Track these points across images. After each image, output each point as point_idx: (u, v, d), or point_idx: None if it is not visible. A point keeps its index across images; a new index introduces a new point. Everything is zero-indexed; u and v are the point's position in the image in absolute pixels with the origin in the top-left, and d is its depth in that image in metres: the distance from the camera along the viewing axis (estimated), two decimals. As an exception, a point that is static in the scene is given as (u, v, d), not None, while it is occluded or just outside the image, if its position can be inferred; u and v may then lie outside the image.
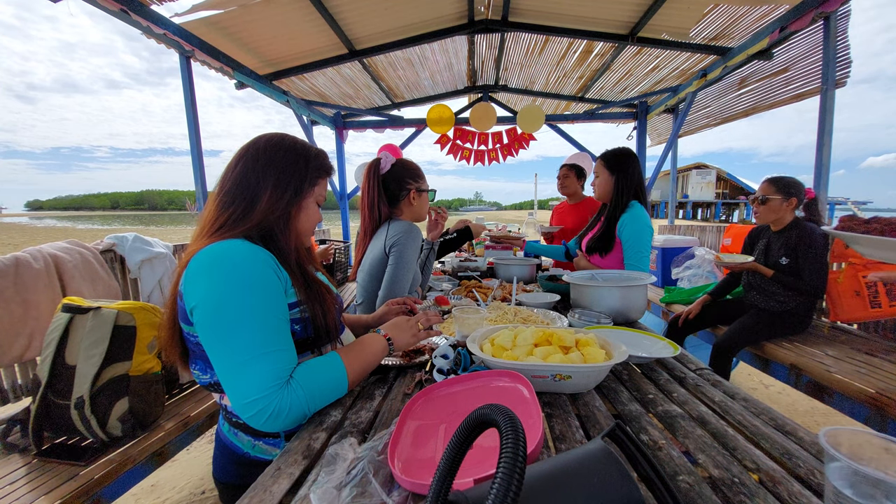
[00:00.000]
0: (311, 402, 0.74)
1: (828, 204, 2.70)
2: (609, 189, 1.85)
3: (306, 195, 0.87)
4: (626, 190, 1.81)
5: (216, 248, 0.73)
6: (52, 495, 1.09)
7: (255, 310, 0.71)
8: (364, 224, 1.56)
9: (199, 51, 2.68)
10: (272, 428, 0.71)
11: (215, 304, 0.70)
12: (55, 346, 1.33)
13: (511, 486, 0.28)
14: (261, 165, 0.82)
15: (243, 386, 0.69)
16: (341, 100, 4.74)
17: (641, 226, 1.75)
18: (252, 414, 0.69)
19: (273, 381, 0.70)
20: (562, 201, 3.19)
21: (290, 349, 0.76)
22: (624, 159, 1.82)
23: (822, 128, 2.44)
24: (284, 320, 0.76)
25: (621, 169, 1.81)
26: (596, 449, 0.43)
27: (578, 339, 0.89)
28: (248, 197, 0.80)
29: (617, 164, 1.82)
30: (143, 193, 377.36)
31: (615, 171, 1.82)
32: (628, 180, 1.80)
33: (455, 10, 3.30)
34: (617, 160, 1.83)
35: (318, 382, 0.76)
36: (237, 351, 0.69)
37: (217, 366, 0.71)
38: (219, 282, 0.70)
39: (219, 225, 0.79)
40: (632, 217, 1.76)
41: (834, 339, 2.07)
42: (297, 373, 0.74)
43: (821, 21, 2.40)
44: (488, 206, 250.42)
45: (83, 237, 2.10)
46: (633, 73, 4.06)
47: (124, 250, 2.06)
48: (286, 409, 0.70)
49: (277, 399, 0.70)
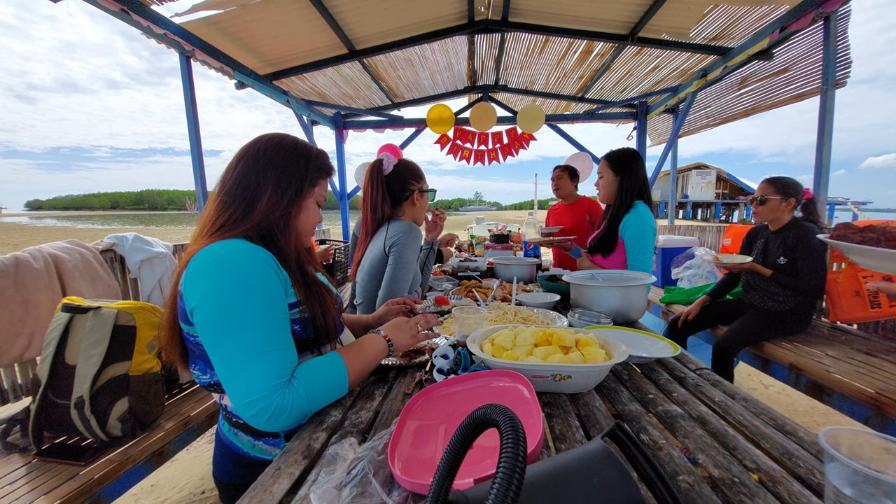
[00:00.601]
0: (312, 401, 0.74)
1: (827, 204, 2.70)
2: (613, 190, 1.85)
3: (307, 195, 0.87)
4: (630, 190, 1.81)
5: (216, 248, 0.73)
6: (51, 495, 1.09)
7: (256, 309, 0.71)
8: (366, 225, 1.56)
9: (199, 51, 2.68)
10: (273, 428, 0.71)
11: (216, 303, 0.70)
12: (55, 346, 1.33)
13: (511, 486, 0.28)
14: (261, 166, 0.82)
15: (244, 385, 0.69)
16: (341, 100, 4.74)
17: (644, 226, 1.75)
18: (253, 413, 0.69)
19: (274, 380, 0.70)
20: (557, 202, 3.18)
21: (291, 349, 0.76)
22: (628, 160, 1.83)
23: (822, 128, 2.44)
24: (285, 320, 0.76)
25: (626, 169, 1.81)
26: (596, 449, 0.43)
27: (578, 339, 0.89)
28: (248, 197, 0.80)
29: (622, 164, 1.83)
30: (143, 193, 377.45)
31: (619, 171, 1.83)
32: (632, 181, 1.80)
33: (455, 10, 3.30)
34: (621, 161, 1.84)
35: (319, 382, 0.76)
36: (238, 350, 0.69)
37: (218, 366, 0.71)
38: (219, 282, 0.70)
39: (219, 225, 0.79)
40: (635, 217, 1.76)
41: (834, 339, 2.07)
42: (299, 372, 0.74)
43: (821, 21, 2.41)
44: (488, 206, 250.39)
45: (83, 237, 2.10)
46: (633, 73, 4.07)
47: (124, 250, 2.06)
48: (287, 408, 0.70)
49: (279, 398, 0.70)
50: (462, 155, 4.92)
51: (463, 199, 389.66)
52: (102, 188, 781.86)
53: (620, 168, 1.83)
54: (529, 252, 2.84)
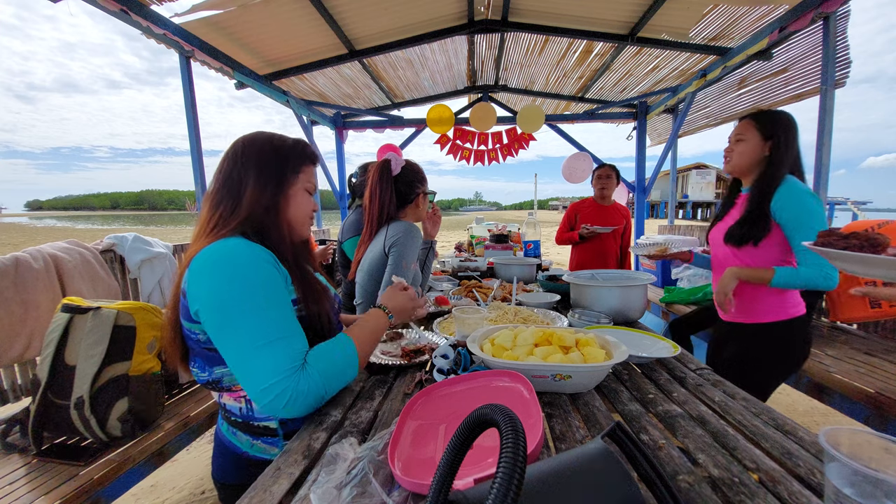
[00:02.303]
0: (327, 383, 0.75)
1: (827, 204, 2.70)
2: (757, 158, 1.44)
3: (291, 184, 0.89)
4: (785, 160, 1.39)
5: (216, 247, 0.75)
6: (51, 495, 1.09)
7: (261, 300, 0.72)
8: (371, 225, 1.55)
9: (199, 51, 2.68)
10: (291, 413, 0.72)
11: (221, 299, 0.71)
12: (55, 346, 1.33)
13: (511, 486, 0.28)
14: (241, 163, 0.85)
15: (258, 373, 0.70)
16: (341, 100, 4.74)
17: (807, 198, 1.32)
18: (270, 400, 0.69)
19: (288, 365, 0.71)
20: (583, 199, 3.09)
21: (301, 335, 0.77)
22: (785, 124, 1.43)
23: (821, 128, 2.44)
24: (290, 308, 0.78)
25: (780, 134, 1.41)
26: (596, 449, 0.43)
27: (578, 339, 0.89)
28: (233, 194, 0.83)
29: (774, 127, 1.42)
30: (142, 193, 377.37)
31: (771, 135, 1.42)
32: (787, 150, 1.40)
33: (455, 10, 3.30)
34: (775, 123, 1.43)
35: (331, 362, 0.77)
36: (249, 339, 0.70)
37: (230, 359, 0.72)
38: (222, 279, 0.72)
39: (213, 225, 0.81)
40: (791, 190, 1.34)
41: (834, 339, 2.07)
42: (311, 356, 0.76)
43: (820, 21, 2.41)
44: (488, 206, 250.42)
45: (83, 237, 2.10)
46: (632, 73, 4.07)
47: (124, 250, 2.06)
48: (304, 392, 0.71)
49: (294, 383, 0.70)
50: (462, 155, 4.92)
51: (463, 199, 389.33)
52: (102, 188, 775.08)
53: (772, 132, 1.41)
54: (529, 252, 2.84)
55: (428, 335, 1.19)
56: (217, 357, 0.77)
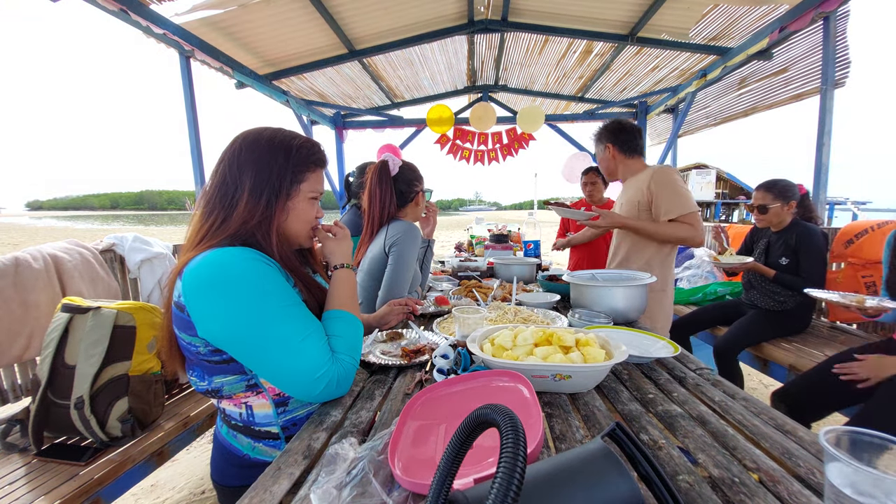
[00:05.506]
0: (354, 355, 0.82)
1: (827, 204, 2.70)
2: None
3: (291, 195, 0.81)
4: None
5: (211, 260, 0.71)
6: (51, 495, 1.09)
7: (280, 303, 0.73)
8: (372, 226, 1.55)
9: (198, 51, 2.68)
10: (341, 393, 0.79)
11: (242, 317, 0.70)
12: (55, 346, 1.33)
13: (511, 486, 0.28)
14: (237, 167, 0.77)
15: (306, 365, 0.73)
16: (341, 100, 4.74)
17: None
18: (324, 387, 0.75)
19: (326, 353, 0.76)
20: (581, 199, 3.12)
21: (319, 325, 0.80)
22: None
23: (821, 128, 2.44)
24: (300, 300, 0.79)
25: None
26: (596, 449, 0.43)
27: (578, 339, 0.89)
28: (225, 204, 0.77)
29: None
30: (142, 193, 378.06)
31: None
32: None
33: (455, 10, 3.31)
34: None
35: (345, 337, 0.82)
36: (285, 344, 0.72)
37: (267, 368, 0.73)
38: (237, 298, 0.70)
39: (201, 236, 0.77)
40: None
41: (833, 339, 2.07)
42: (331, 343, 0.80)
43: (820, 21, 2.41)
44: (488, 206, 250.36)
45: (83, 237, 2.10)
46: (632, 73, 4.07)
47: (124, 250, 2.06)
48: (344, 374, 0.78)
49: (335, 368, 0.76)
50: (462, 155, 4.93)
51: (463, 199, 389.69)
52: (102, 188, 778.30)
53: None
54: (529, 252, 2.84)
55: (428, 335, 1.19)
56: (217, 367, 0.76)
